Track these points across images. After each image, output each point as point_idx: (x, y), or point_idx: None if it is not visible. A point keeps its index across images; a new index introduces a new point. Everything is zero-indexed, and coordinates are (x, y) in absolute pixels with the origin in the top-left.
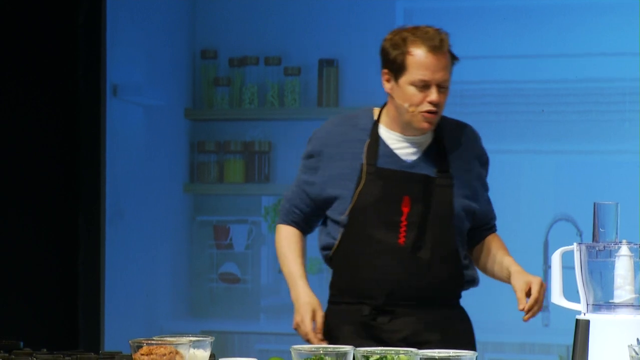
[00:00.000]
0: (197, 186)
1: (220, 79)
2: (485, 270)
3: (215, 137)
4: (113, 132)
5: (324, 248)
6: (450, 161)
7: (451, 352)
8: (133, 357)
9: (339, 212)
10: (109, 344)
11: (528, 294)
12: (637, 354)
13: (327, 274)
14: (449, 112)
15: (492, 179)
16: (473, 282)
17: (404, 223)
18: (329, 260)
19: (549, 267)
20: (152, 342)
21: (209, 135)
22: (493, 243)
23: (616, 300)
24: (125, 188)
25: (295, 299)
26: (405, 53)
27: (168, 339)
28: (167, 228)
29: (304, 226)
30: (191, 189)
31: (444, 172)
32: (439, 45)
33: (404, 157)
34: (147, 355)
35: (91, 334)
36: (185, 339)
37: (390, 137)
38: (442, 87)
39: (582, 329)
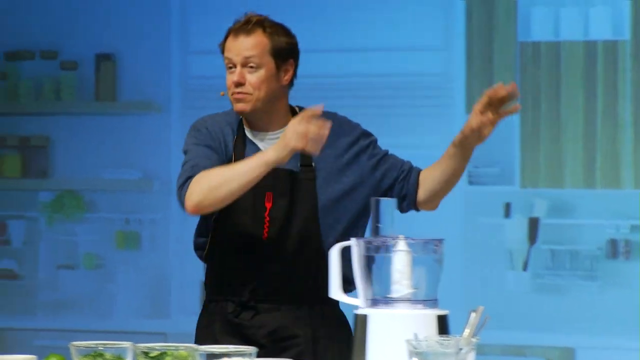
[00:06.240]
0: None
1: None
2: (446, 179)
3: None
4: None
5: (198, 248)
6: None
7: (231, 348)
8: None
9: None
10: None
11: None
12: (415, 348)
13: None
14: None
15: None
16: (347, 282)
17: (267, 219)
18: (204, 258)
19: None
20: None
21: None
22: (427, 169)
23: (394, 295)
24: None
25: (278, 145)
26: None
27: None
28: None
29: None
30: None
31: (307, 166)
32: (239, 26)
33: None
34: None
35: None
36: None
37: (255, 135)
38: (249, 67)
39: (360, 324)
